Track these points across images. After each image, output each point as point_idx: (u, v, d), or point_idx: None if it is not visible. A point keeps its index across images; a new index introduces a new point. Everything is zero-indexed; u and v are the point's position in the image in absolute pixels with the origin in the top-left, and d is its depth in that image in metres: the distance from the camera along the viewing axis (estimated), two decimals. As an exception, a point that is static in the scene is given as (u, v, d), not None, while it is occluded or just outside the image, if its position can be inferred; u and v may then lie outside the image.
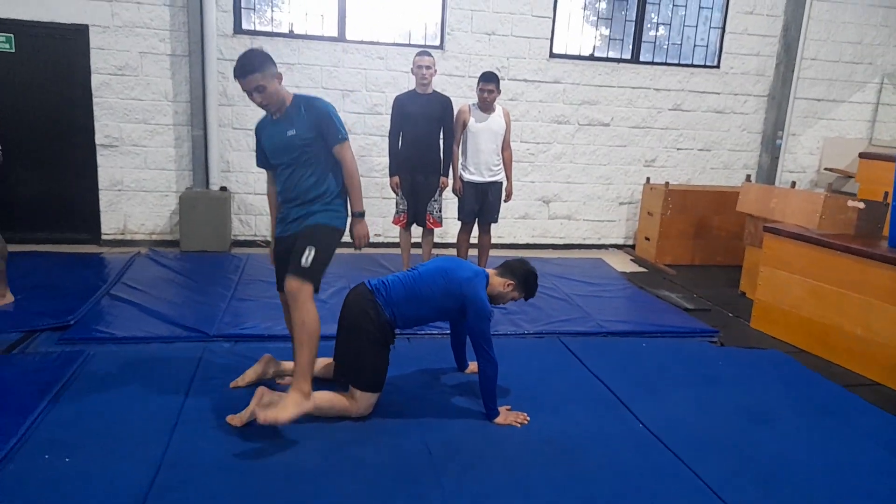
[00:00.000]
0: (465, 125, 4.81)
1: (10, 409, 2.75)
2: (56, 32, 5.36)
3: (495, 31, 6.15)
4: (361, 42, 5.95)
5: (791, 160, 7.21)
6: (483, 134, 4.77)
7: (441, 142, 4.90)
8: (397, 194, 4.92)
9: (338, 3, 5.87)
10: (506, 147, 4.94)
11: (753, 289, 4.80)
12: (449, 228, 6.50)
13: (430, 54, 4.80)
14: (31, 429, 2.64)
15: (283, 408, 2.62)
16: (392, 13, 6.04)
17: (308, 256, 2.72)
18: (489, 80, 4.69)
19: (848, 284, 3.96)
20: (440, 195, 4.93)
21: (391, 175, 4.87)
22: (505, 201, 5.09)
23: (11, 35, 5.27)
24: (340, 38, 5.91)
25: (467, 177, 4.86)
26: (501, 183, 4.97)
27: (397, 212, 5.00)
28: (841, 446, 2.95)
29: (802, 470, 2.72)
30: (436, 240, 6.50)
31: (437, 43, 6.15)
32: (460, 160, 4.89)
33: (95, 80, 5.51)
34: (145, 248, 5.74)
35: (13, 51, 5.27)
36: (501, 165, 4.94)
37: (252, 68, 2.67)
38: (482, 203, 4.91)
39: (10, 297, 4.11)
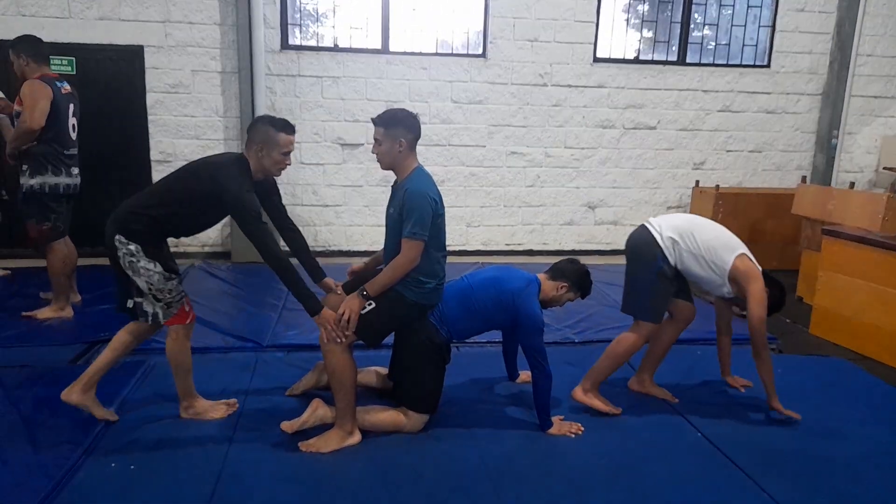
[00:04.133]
0: None
1: (78, 419, 2.84)
2: (114, 54, 5.58)
3: (538, 37, 6.12)
4: (404, 53, 6.00)
5: (847, 160, 6.95)
6: None
7: None
8: None
9: (381, 15, 5.94)
10: None
11: (812, 294, 4.62)
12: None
13: None
14: (98, 437, 2.72)
15: (326, 442, 2.69)
16: (434, 24, 6.08)
17: (365, 308, 2.71)
18: None
19: (916, 289, 3.79)
20: None
21: None
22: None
23: (73, 58, 5.51)
24: (384, 49, 5.98)
25: None
26: None
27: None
28: (916, 460, 2.80)
29: (877, 487, 2.59)
30: (484, 248, 6.48)
31: (480, 51, 6.15)
32: None
33: (150, 98, 5.71)
34: (198, 260, 5.90)
35: (74, 73, 5.50)
36: None
37: (380, 121, 2.73)
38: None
39: (69, 312, 4.17)
